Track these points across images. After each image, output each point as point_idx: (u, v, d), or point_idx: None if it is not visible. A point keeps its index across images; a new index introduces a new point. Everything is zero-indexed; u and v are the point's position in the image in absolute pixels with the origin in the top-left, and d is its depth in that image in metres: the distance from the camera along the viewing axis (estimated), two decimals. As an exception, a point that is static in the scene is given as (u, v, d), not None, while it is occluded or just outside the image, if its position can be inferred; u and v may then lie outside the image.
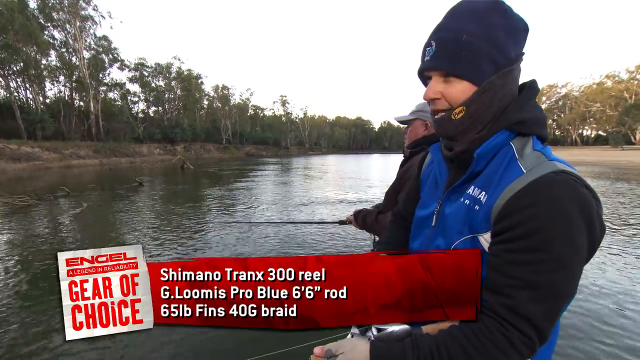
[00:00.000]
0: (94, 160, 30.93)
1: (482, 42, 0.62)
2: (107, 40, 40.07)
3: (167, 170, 23.74)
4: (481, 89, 0.64)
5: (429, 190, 0.83)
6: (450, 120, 0.67)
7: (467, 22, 0.63)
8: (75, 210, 8.12)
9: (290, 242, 5.64)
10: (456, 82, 0.65)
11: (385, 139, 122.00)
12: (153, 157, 39.96)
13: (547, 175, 0.57)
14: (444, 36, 0.65)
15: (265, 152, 68.17)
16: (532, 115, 0.66)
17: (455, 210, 0.69)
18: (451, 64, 0.64)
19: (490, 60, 0.63)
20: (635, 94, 50.56)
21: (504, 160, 0.64)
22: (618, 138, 52.76)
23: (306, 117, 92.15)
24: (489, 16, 0.62)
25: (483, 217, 0.63)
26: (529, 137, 0.66)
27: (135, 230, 6.53)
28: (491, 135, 0.66)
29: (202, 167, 27.63)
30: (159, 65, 50.27)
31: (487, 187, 0.64)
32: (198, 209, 8.66)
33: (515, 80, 0.67)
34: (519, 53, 0.65)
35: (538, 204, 0.55)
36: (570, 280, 0.56)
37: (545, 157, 0.61)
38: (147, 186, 13.68)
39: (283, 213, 8.23)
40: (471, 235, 0.65)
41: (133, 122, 43.65)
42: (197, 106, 58.08)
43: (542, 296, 0.55)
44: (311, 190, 12.42)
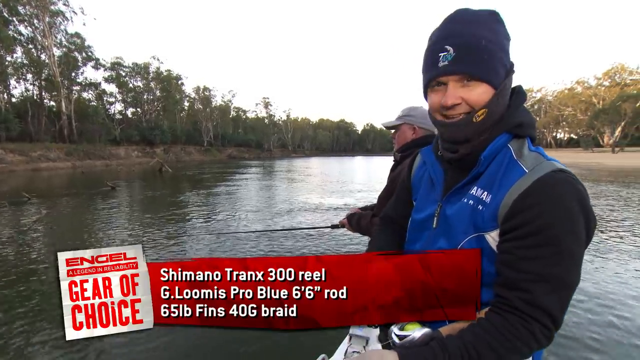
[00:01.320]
0: (66, 163, 29.44)
1: (496, 47, 0.66)
2: (79, 37, 38.30)
3: (145, 174, 22.83)
4: (498, 91, 0.67)
5: (425, 193, 0.83)
6: (472, 123, 0.68)
7: (482, 27, 0.66)
8: (31, 219, 7.38)
9: (279, 250, 5.34)
10: (476, 86, 0.66)
11: (368, 141, 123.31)
12: (131, 159, 38.57)
13: (548, 174, 0.61)
14: (464, 41, 0.66)
15: (247, 154, 67.42)
16: (528, 118, 0.71)
17: (459, 210, 0.70)
18: (474, 67, 0.66)
19: (502, 64, 0.67)
20: (602, 100, 53.20)
21: (504, 161, 0.67)
22: (588, 141, 55.54)
23: (289, 119, 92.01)
24: (495, 24, 0.67)
25: (489, 216, 0.65)
26: (524, 139, 0.70)
27: (97, 242, 5.97)
28: (494, 138, 0.69)
29: (181, 170, 26.82)
30: (137, 65, 48.76)
31: (490, 188, 0.67)
32: (173, 217, 8.03)
33: (511, 83, 0.71)
34: (510, 61, 0.70)
35: (543, 202, 0.59)
36: (577, 269, 0.61)
37: (542, 157, 0.65)
38: (120, 191, 12.95)
39: (267, 221, 7.93)
40: (477, 234, 0.67)
41: (109, 124, 41.88)
42: (178, 107, 56.90)
43: (556, 287, 0.59)
44: (296, 195, 12.11)
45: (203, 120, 61.22)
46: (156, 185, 16.14)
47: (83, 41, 38.80)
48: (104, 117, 41.29)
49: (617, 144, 49.71)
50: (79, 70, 39.70)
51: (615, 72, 54.82)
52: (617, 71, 54.78)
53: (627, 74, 54.00)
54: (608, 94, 53.20)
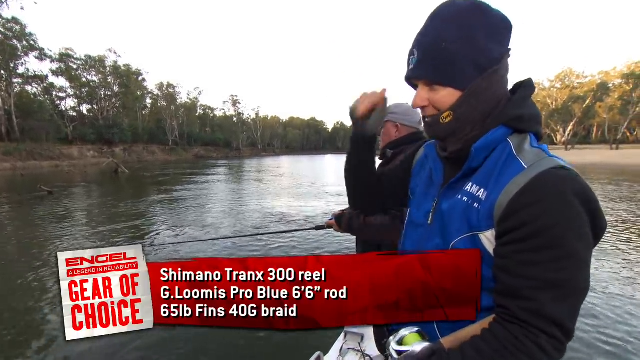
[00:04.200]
0: (4, 164, 26.30)
1: (462, 46, 0.62)
2: (18, 23, 34.00)
3: (97, 176, 20.79)
4: (467, 93, 0.64)
5: (423, 189, 0.81)
6: (439, 123, 0.68)
7: (447, 27, 0.63)
8: None
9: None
10: (440, 89, 0.66)
11: (339, 139, 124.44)
12: (86, 160, 35.47)
13: (548, 171, 0.56)
14: (425, 44, 0.65)
15: (215, 153, 65.13)
16: (530, 111, 0.66)
17: (452, 207, 0.68)
18: (433, 72, 0.65)
19: (473, 63, 0.63)
20: (555, 100, 57.10)
21: (502, 156, 0.63)
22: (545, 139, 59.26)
23: (258, 117, 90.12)
24: (468, 19, 0.62)
25: (485, 214, 0.61)
26: (527, 135, 0.65)
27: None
28: (487, 131, 0.65)
29: (141, 170, 24.88)
30: (90, 58, 44.85)
31: (486, 184, 0.63)
32: (115, 231, 6.64)
33: (503, 78, 0.66)
34: (503, 52, 0.65)
35: (544, 200, 0.55)
36: (586, 273, 0.56)
37: (545, 153, 0.60)
38: (58, 196, 11.15)
39: (238, 225, 7.10)
40: (471, 234, 0.64)
41: (59, 121, 38.13)
42: (139, 105, 53.28)
43: (563, 294, 0.54)
44: (268, 198, 11.34)
45: (167, 119, 58.22)
46: (107, 189, 14.38)
47: (23, 28, 34.57)
48: (52, 113, 37.44)
49: (569, 142, 53.59)
50: (19, 61, 35.38)
51: (565, 76, 59.02)
52: (566, 75, 59.00)
53: (575, 78, 58.34)
54: (560, 95, 57.19)
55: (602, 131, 59.92)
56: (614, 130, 54.29)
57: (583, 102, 51.97)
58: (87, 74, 45.21)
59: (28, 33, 35.29)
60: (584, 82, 56.90)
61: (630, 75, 47.71)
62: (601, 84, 50.88)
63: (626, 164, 26.57)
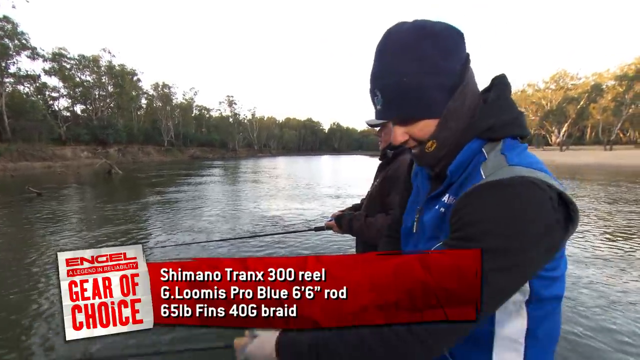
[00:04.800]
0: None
1: (424, 77, 0.60)
2: (9, 22, 33.47)
3: (90, 177, 20.47)
4: (443, 119, 0.64)
5: (413, 197, 0.84)
6: (426, 153, 0.69)
7: (400, 61, 0.61)
8: None
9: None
10: (415, 123, 0.65)
11: (335, 140, 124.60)
12: (79, 160, 34.98)
13: (496, 180, 0.56)
14: (385, 85, 0.63)
15: (211, 154, 64.69)
16: (503, 117, 0.64)
17: (431, 217, 0.71)
18: (402, 110, 0.64)
19: (440, 89, 0.62)
20: (550, 102, 57.55)
21: (475, 168, 0.63)
22: (539, 140, 59.75)
23: (255, 118, 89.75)
24: (419, 45, 0.60)
25: (448, 222, 0.64)
26: (499, 142, 0.64)
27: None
28: (461, 147, 0.65)
29: (136, 171, 24.55)
30: (84, 58, 44.34)
31: (457, 194, 0.64)
32: (102, 236, 6.32)
33: (473, 87, 0.65)
34: (463, 62, 0.63)
35: (479, 200, 0.56)
36: (506, 274, 0.55)
37: (506, 161, 0.59)
38: (47, 198, 10.77)
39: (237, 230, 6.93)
40: (442, 242, 0.65)
41: (52, 121, 37.53)
42: (134, 105, 52.79)
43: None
44: (264, 200, 11.19)
45: (163, 119, 57.77)
46: (98, 190, 14.03)
47: (15, 26, 34.03)
48: (45, 113, 36.78)
49: (564, 143, 53.98)
50: (10, 60, 34.78)
51: (559, 77, 59.52)
52: (560, 76, 59.51)
53: (569, 79, 58.86)
54: (554, 96, 57.63)
55: (595, 132, 60.44)
56: (608, 132, 54.83)
57: (577, 104, 52.41)
58: (80, 74, 44.73)
59: (20, 32, 34.76)
60: (578, 83, 57.44)
61: (623, 77, 48.22)
62: (595, 86, 51.37)
63: (620, 165, 26.79)
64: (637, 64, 48.40)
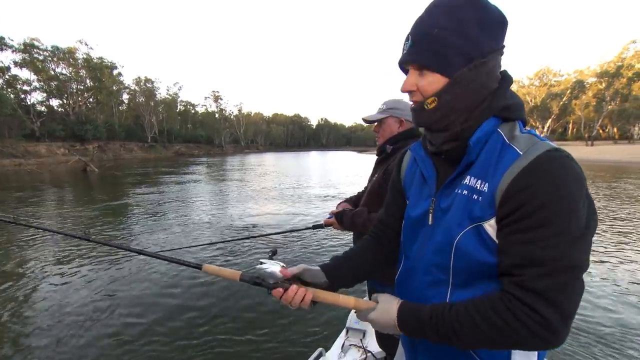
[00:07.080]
0: (-42, 164, 23.98)
1: (452, 35, 0.64)
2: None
3: (63, 175, 19.22)
4: (452, 81, 0.66)
5: (417, 189, 0.81)
6: (424, 110, 0.70)
7: (441, 16, 0.65)
8: None
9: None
10: (428, 75, 0.67)
11: (323, 136, 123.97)
12: (55, 158, 33.03)
13: (544, 153, 0.58)
14: (418, 30, 0.68)
15: (197, 151, 62.79)
16: (515, 101, 0.68)
17: (454, 202, 0.68)
18: (423, 57, 0.67)
19: (461, 53, 0.64)
20: (534, 98, 58.51)
21: (497, 146, 0.65)
22: (524, 135, 60.56)
23: (241, 113, 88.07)
24: (463, 10, 0.64)
25: (487, 204, 0.63)
26: (515, 122, 0.68)
27: None
28: (480, 123, 0.67)
29: (113, 169, 23.26)
30: (58, 49, 41.98)
31: (485, 175, 0.64)
32: (56, 256, 5.85)
33: (492, 72, 0.67)
34: (494, 46, 0.66)
35: (539, 182, 0.56)
36: (579, 251, 0.56)
37: (536, 137, 0.63)
38: (2, 200, 9.78)
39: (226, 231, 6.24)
40: (474, 225, 0.64)
41: (23, 115, 35.39)
42: (115, 100, 50.60)
43: (552, 270, 0.55)
44: (255, 201, 10.51)
45: (146, 115, 55.61)
46: (67, 192, 12.81)
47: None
48: (16, 107, 34.59)
49: (548, 139, 54.86)
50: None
51: (543, 74, 60.59)
52: (544, 72, 60.58)
53: (552, 76, 59.97)
54: (539, 92, 58.65)
55: (577, 128, 61.90)
56: (589, 128, 56.18)
57: (560, 100, 53.40)
58: (55, 66, 42.36)
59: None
60: (561, 80, 58.56)
61: (604, 74, 49.31)
62: (577, 82, 52.40)
63: (603, 160, 27.26)
64: (616, 62, 49.62)
